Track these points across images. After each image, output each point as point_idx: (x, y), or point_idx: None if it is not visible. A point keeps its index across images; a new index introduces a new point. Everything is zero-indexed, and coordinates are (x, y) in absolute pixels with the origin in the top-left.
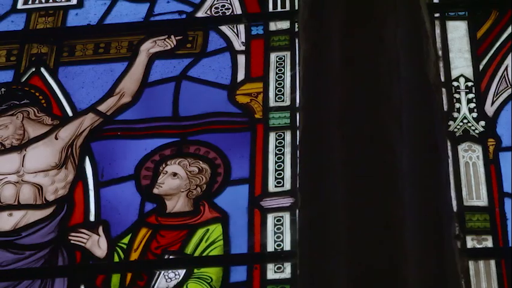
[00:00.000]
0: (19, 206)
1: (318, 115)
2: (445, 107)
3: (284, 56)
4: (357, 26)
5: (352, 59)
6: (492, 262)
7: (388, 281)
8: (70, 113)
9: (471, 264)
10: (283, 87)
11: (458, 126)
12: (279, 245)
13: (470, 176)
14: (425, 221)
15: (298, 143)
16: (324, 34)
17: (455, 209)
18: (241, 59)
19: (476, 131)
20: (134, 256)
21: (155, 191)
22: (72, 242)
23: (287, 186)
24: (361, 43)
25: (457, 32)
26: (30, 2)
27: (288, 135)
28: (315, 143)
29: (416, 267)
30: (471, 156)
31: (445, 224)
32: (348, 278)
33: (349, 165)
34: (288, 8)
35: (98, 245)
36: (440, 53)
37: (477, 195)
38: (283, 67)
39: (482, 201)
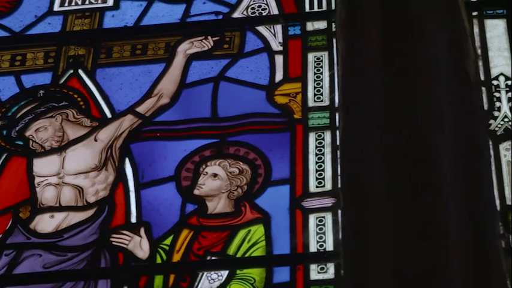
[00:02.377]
0: (60, 208)
1: (358, 115)
2: (485, 106)
3: (322, 56)
4: (395, 26)
5: (392, 58)
6: None
7: (432, 281)
8: (109, 115)
9: None
10: (321, 87)
11: (499, 125)
12: (321, 246)
13: None
14: (469, 221)
15: (338, 143)
16: (362, 34)
17: (498, 208)
18: (279, 60)
19: None
20: (176, 257)
21: (196, 192)
22: (114, 243)
23: (328, 186)
24: (400, 42)
25: (496, 30)
26: (66, 4)
27: (327, 136)
28: (356, 142)
29: (460, 266)
30: None
31: (488, 223)
32: (392, 278)
33: (390, 165)
34: (324, 8)
35: (140, 246)
36: (479, 51)
37: None
38: (321, 67)
39: None
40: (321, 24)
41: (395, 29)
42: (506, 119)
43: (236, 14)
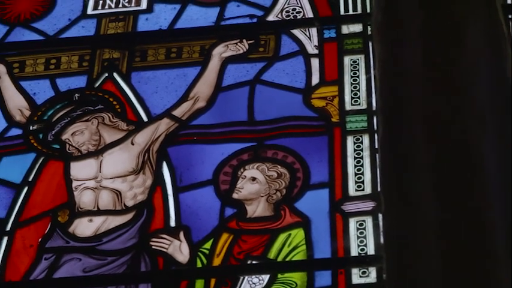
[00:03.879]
0: (99, 212)
1: (397, 118)
2: None
3: (358, 59)
4: (435, 28)
5: (431, 62)
6: None
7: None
8: (145, 118)
9: None
10: (358, 90)
11: None
12: (362, 250)
13: None
14: None
15: (377, 147)
16: (400, 36)
17: None
18: (314, 63)
19: None
20: (217, 261)
21: (235, 195)
22: (153, 247)
23: (367, 190)
24: (440, 45)
25: None
26: (100, 8)
27: (365, 139)
28: (396, 146)
29: (509, 271)
30: None
31: None
32: (441, 283)
33: (434, 169)
34: (359, 10)
35: (179, 250)
36: None
37: None
38: (358, 70)
39: None
40: (357, 27)
41: (434, 31)
42: None
43: (271, 17)
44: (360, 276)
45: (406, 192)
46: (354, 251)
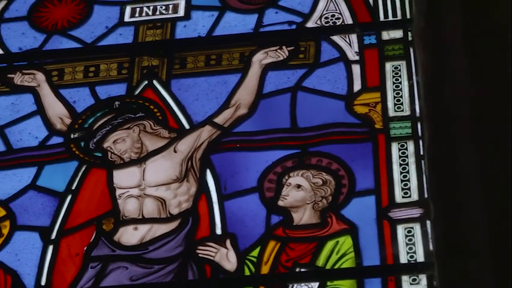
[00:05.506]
0: (144, 220)
1: (444, 123)
2: None
3: (400, 66)
4: (478, 32)
5: (476, 65)
6: None
7: None
8: (187, 126)
9: None
10: (401, 96)
11: None
12: (411, 257)
13: None
14: None
15: (424, 153)
16: (443, 41)
17: None
18: (356, 69)
19: None
20: (265, 269)
21: (280, 203)
22: (200, 255)
23: (414, 196)
24: (484, 49)
25: None
26: (137, 15)
27: (410, 145)
28: (444, 152)
29: None
30: None
31: None
32: None
33: (482, 173)
34: (399, 16)
35: (227, 258)
36: None
37: None
38: (400, 76)
39: None
40: (397, 33)
41: (477, 36)
42: None
43: (310, 24)
44: (411, 284)
45: (455, 198)
46: (403, 258)
